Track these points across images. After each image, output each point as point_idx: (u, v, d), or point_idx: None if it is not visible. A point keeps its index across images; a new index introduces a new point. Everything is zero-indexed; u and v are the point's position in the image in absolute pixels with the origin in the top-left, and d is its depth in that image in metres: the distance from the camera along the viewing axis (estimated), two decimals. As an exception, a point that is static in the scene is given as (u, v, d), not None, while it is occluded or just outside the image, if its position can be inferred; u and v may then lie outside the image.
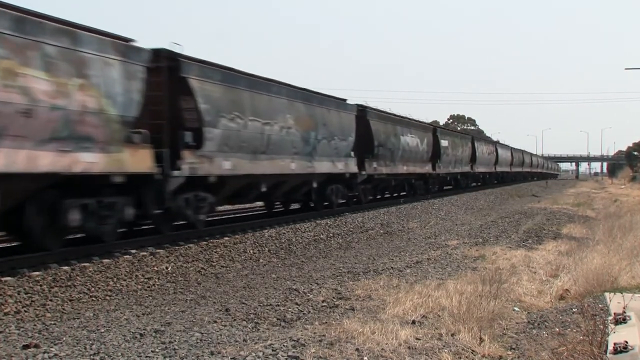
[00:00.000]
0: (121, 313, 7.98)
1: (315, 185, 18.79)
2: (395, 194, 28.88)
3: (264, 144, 15.56)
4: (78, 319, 7.74)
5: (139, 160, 11.13)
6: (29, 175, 9.12)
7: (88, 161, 10.02)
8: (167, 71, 12.38)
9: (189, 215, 13.23)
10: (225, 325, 6.96)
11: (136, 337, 6.43)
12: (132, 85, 11.13)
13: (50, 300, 8.57)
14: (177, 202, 12.71)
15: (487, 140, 59.10)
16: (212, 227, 14.25)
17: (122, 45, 11.10)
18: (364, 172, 22.31)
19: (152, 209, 12.06)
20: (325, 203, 20.18)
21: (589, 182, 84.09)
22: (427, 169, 31.22)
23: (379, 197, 26.52)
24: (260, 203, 19.83)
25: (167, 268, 10.97)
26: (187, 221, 13.58)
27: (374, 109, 24.80)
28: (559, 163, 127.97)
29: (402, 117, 28.90)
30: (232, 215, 19.17)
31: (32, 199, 9.76)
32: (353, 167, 21.24)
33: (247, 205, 20.70)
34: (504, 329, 7.06)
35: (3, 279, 8.78)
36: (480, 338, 6.29)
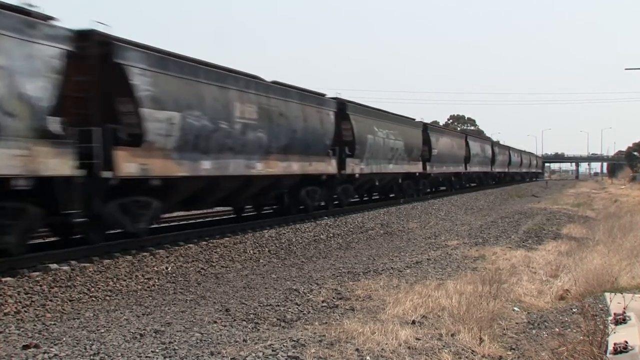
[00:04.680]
0: (121, 313, 7.99)
1: (400, 180, 28.04)
2: (434, 189, 36.59)
3: (383, 153, 24.46)
4: (78, 319, 7.74)
5: (331, 166, 20.00)
6: (298, 175, 17.84)
7: (315, 167, 18.67)
8: (339, 111, 21.00)
9: (342, 198, 21.62)
10: (225, 326, 6.96)
11: (136, 337, 6.43)
12: (331, 123, 20.09)
13: (50, 300, 8.57)
14: (339, 190, 21.25)
15: (502, 145, 63.40)
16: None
17: (329, 101, 20.53)
18: (425, 172, 31.15)
19: (331, 194, 20.76)
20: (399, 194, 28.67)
21: (589, 182, 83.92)
22: (461, 168, 40.36)
23: (432, 190, 35.55)
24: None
25: (167, 268, 10.98)
26: (338, 202, 21.54)
27: (432, 125, 34.01)
28: (546, 163, 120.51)
29: (448, 128, 36.75)
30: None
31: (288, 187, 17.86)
32: (420, 168, 30.27)
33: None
34: (504, 329, 7.05)
35: (3, 279, 8.79)
36: (480, 338, 6.28)
